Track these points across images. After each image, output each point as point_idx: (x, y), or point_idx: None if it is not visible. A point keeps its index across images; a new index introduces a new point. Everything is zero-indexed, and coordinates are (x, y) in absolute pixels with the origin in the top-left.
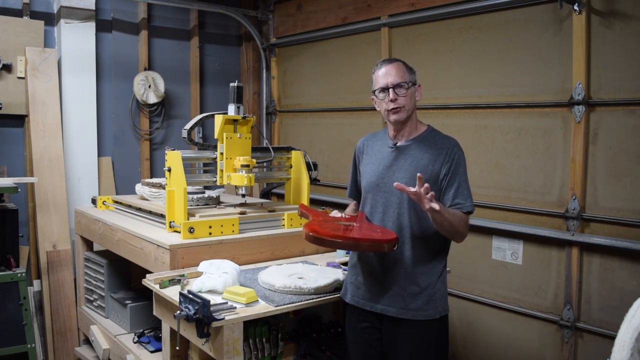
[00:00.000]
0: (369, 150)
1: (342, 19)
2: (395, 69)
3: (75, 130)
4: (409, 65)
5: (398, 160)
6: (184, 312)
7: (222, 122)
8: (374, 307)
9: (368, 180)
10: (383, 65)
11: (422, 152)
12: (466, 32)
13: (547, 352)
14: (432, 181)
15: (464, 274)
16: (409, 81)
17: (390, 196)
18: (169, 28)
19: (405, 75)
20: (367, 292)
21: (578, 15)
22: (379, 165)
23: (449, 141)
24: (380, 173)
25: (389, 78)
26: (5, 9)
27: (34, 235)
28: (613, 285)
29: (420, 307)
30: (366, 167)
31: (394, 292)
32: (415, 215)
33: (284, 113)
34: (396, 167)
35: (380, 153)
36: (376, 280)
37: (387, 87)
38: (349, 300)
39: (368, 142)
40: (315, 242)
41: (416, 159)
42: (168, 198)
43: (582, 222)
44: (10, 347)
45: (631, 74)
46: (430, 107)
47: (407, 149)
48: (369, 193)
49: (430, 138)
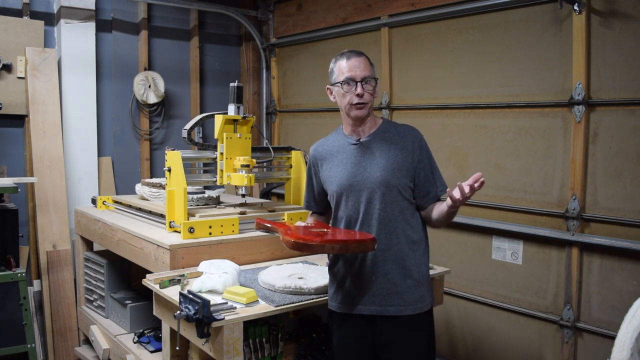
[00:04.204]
0: (327, 155)
1: (342, 19)
2: (363, 63)
3: (75, 130)
4: (371, 60)
5: (365, 156)
6: (184, 312)
7: (222, 122)
8: (369, 310)
9: (339, 183)
10: (351, 56)
11: (388, 144)
12: (466, 32)
13: (547, 352)
14: (405, 170)
15: (464, 274)
16: (375, 77)
17: (370, 192)
18: (169, 28)
19: (372, 70)
20: (358, 296)
21: (578, 15)
22: (346, 164)
23: (410, 130)
24: (350, 172)
25: (358, 71)
26: (5, 9)
27: (34, 235)
28: (613, 285)
29: (417, 300)
30: (330, 171)
31: (390, 290)
32: (397, 207)
33: (284, 113)
34: (365, 163)
35: (343, 153)
36: (368, 282)
37: (354, 80)
38: (337, 309)
39: (322, 147)
40: (303, 249)
41: (384, 152)
42: (168, 198)
43: (582, 222)
44: (10, 347)
45: (631, 74)
46: (430, 107)
47: (371, 143)
48: (342, 195)
49: (391, 129)
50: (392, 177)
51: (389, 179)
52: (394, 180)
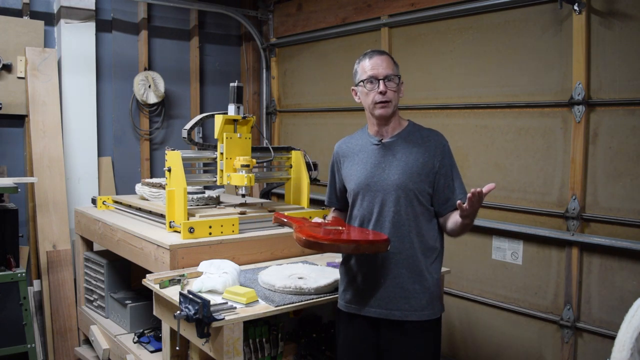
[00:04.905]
0: (349, 153)
1: (342, 19)
2: (386, 61)
3: (75, 130)
4: (394, 60)
5: (386, 157)
6: (184, 312)
7: (222, 122)
8: (376, 312)
9: (357, 182)
10: (373, 55)
11: (410, 146)
12: (466, 32)
13: (547, 352)
14: (425, 174)
15: (464, 274)
16: (398, 75)
17: (385, 194)
18: (169, 28)
19: (395, 68)
20: (366, 297)
21: (578, 15)
22: (366, 164)
23: (435, 134)
24: (369, 172)
25: (380, 69)
26: (5, 9)
27: (34, 235)
28: (613, 285)
29: (424, 307)
30: (351, 169)
31: (397, 294)
32: (412, 211)
33: (284, 113)
34: (385, 164)
35: (364, 152)
36: (377, 284)
37: (377, 78)
38: (344, 308)
39: (346, 144)
40: (313, 247)
41: (405, 155)
42: (168, 198)
43: (582, 222)
44: (10, 347)
45: (631, 74)
46: (430, 107)
47: (393, 145)
48: (359, 194)
49: (415, 132)
50: (410, 181)
51: (406, 183)
52: (411, 184)
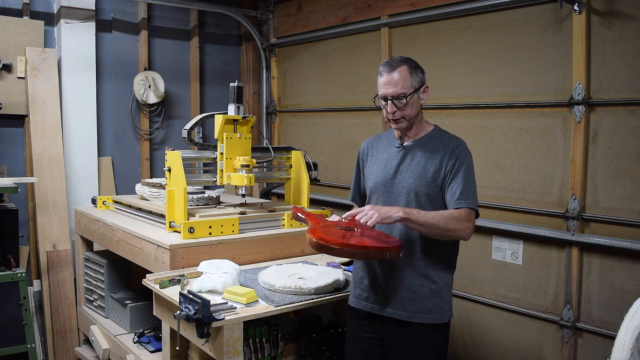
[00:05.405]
0: (374, 152)
1: (342, 19)
2: (396, 79)
3: (75, 130)
4: (414, 66)
5: (404, 160)
6: (184, 312)
7: (222, 122)
8: (382, 310)
9: (374, 181)
10: (383, 72)
11: (428, 152)
12: (466, 32)
13: (547, 352)
14: (439, 180)
15: (464, 274)
16: (411, 88)
17: (398, 197)
18: (169, 28)
19: (407, 82)
20: (374, 295)
21: (578, 15)
22: (386, 165)
23: (455, 140)
24: (386, 173)
25: (389, 89)
26: (5, 9)
27: (34, 235)
28: (613, 285)
29: (431, 310)
30: (372, 168)
31: (404, 295)
32: None
33: (284, 113)
34: (402, 167)
35: (387, 153)
36: (385, 283)
37: (385, 98)
38: (354, 304)
39: (373, 143)
40: (322, 250)
41: (423, 160)
42: (168, 198)
43: (582, 222)
44: (10, 347)
45: (631, 74)
46: (430, 107)
47: (413, 149)
48: (375, 194)
49: (437, 138)
50: (423, 186)
51: (419, 188)
52: (425, 189)
